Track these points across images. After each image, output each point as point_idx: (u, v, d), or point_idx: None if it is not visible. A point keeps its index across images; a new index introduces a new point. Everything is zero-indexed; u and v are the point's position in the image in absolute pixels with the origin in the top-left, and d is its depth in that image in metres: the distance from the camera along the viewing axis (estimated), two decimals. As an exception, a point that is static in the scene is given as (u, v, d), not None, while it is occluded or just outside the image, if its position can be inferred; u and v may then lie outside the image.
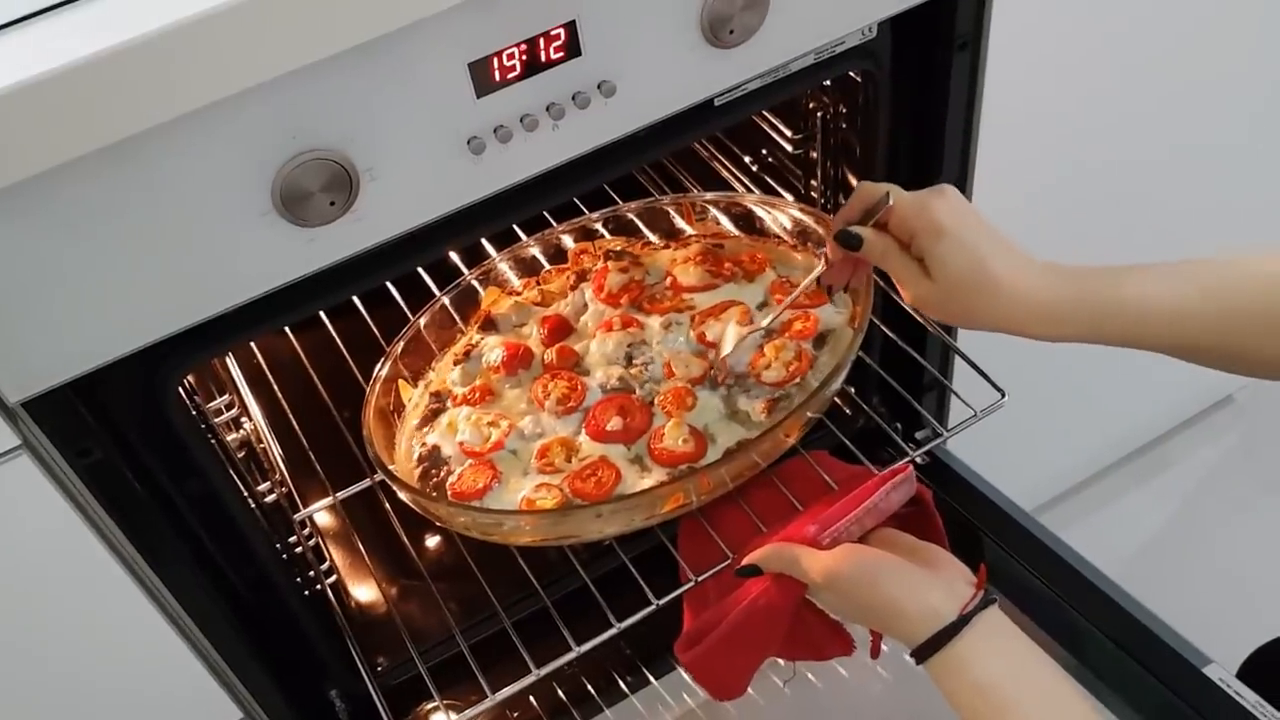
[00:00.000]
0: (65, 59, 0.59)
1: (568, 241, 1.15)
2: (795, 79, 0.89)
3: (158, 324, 0.73)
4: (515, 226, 1.14)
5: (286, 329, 1.20)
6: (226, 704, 0.97)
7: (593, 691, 1.15)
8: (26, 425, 0.74)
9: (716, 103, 0.87)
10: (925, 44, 0.95)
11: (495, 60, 0.72)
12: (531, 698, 1.14)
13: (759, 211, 1.09)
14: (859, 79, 0.98)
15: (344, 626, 1.00)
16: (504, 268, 1.13)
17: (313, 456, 1.08)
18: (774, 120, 1.16)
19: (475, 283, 1.11)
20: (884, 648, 0.89)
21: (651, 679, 1.16)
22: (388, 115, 0.71)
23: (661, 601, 0.91)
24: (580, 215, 1.16)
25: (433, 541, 1.20)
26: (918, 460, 0.97)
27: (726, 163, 1.28)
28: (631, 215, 1.15)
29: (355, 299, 1.14)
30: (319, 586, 1.07)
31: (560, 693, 1.15)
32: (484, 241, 1.15)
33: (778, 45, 0.83)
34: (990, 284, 0.76)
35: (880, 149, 1.01)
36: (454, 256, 1.16)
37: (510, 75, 0.73)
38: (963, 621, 0.75)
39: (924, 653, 0.75)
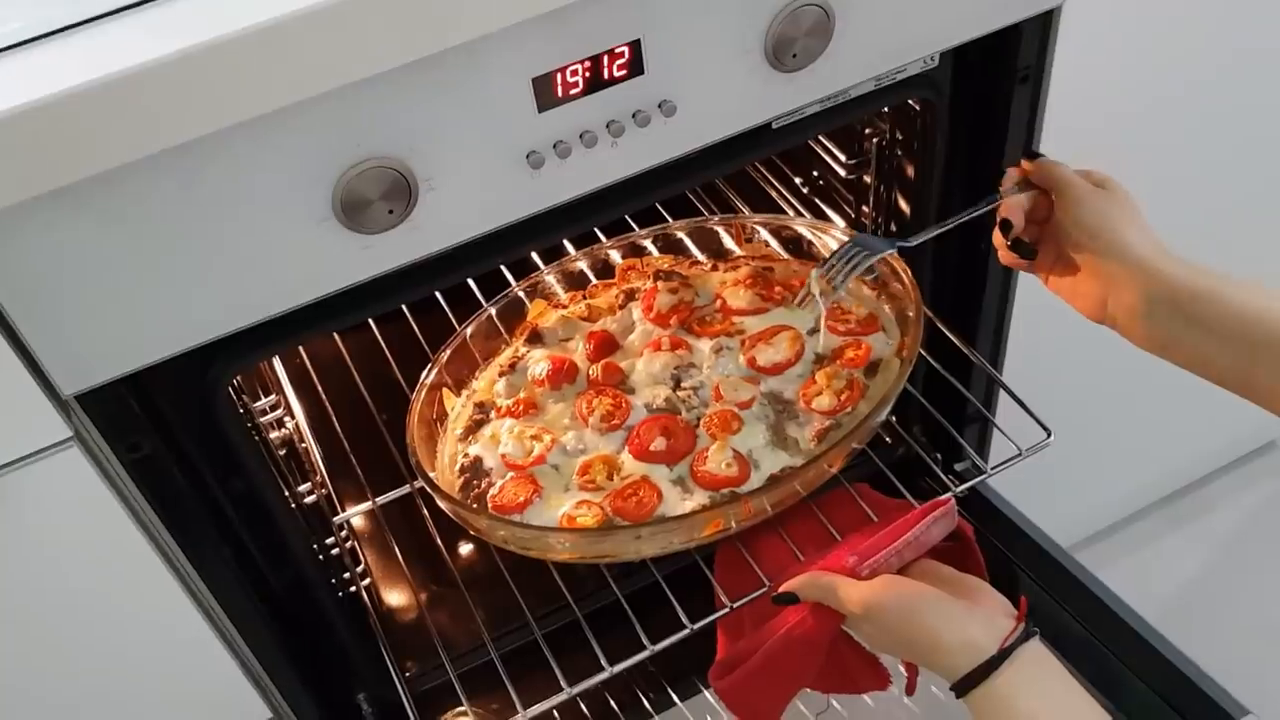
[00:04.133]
0: (134, 61, 0.60)
1: (615, 257, 1.15)
2: (854, 105, 0.89)
3: (212, 324, 0.74)
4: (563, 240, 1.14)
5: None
6: (257, 703, 0.97)
7: (616, 708, 1.15)
8: (79, 418, 0.75)
9: (774, 125, 0.86)
10: (987, 75, 0.94)
11: (559, 76, 0.73)
12: (555, 712, 1.14)
13: (808, 235, 1.09)
14: (918, 107, 0.97)
15: (377, 629, 1.00)
16: (551, 281, 1.14)
17: (354, 460, 1.09)
18: (828, 144, 1.15)
19: (522, 294, 1.12)
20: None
21: (676, 700, 1.15)
22: (450, 126, 0.71)
23: (696, 626, 0.91)
24: (629, 231, 1.16)
25: (465, 549, 1.20)
26: (958, 494, 0.96)
27: (776, 184, 1.27)
28: (680, 234, 1.15)
29: (403, 306, 1.14)
30: (353, 589, 1.07)
31: (583, 707, 1.14)
32: (532, 254, 1.15)
33: (840, 71, 0.83)
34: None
35: (936, 178, 1.01)
36: (501, 267, 1.16)
37: (573, 91, 0.74)
38: (1003, 656, 0.73)
39: (964, 687, 0.74)
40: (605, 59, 0.73)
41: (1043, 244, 0.88)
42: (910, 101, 0.97)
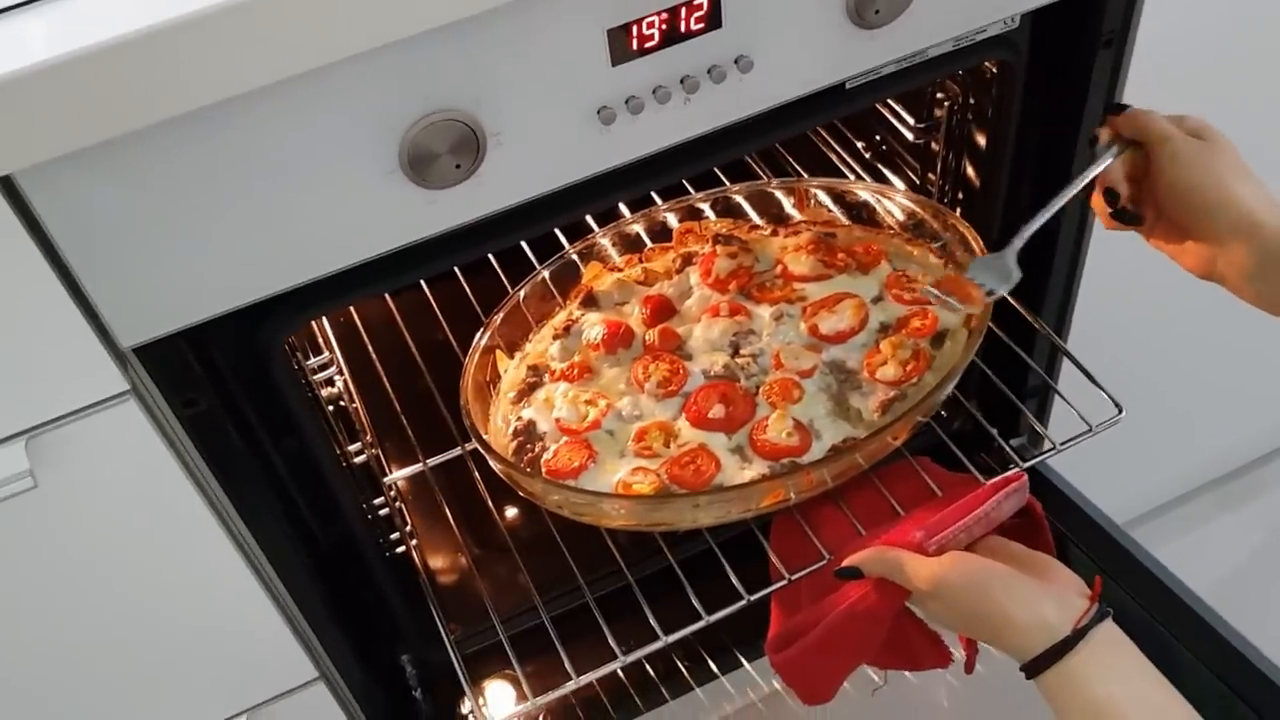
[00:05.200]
0: (199, 6, 0.58)
1: (672, 220, 1.12)
2: (930, 66, 0.85)
3: (273, 279, 0.72)
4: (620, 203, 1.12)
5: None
6: (303, 661, 0.97)
7: (655, 678, 1.13)
8: (136, 371, 0.74)
9: (848, 86, 0.84)
10: (1068, 38, 0.91)
11: (635, 28, 0.70)
12: (595, 682, 1.13)
13: (871, 200, 1.06)
14: (994, 70, 0.94)
15: (427, 589, 0.99)
16: (605, 243, 1.11)
17: (405, 421, 1.07)
18: (896, 108, 1.12)
19: (576, 257, 1.09)
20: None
21: (717, 672, 1.14)
22: (521, 78, 0.69)
23: (754, 597, 0.89)
24: (686, 194, 1.13)
25: (510, 514, 1.19)
26: (1027, 468, 0.93)
27: (838, 148, 1.24)
28: (738, 198, 1.12)
29: (455, 267, 1.12)
30: (401, 549, 1.06)
31: (622, 676, 1.13)
32: (587, 216, 1.13)
33: (921, 29, 0.80)
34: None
35: (1009, 145, 0.97)
36: (555, 230, 1.14)
37: (648, 44, 0.71)
38: (1078, 636, 0.72)
39: (1036, 667, 0.72)
40: (683, 10, 0.71)
41: (1143, 202, 0.84)
42: (987, 64, 0.93)
